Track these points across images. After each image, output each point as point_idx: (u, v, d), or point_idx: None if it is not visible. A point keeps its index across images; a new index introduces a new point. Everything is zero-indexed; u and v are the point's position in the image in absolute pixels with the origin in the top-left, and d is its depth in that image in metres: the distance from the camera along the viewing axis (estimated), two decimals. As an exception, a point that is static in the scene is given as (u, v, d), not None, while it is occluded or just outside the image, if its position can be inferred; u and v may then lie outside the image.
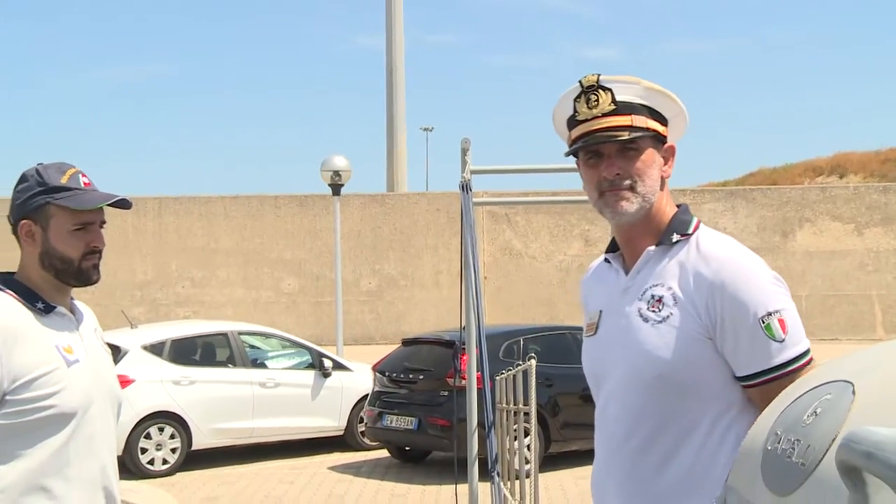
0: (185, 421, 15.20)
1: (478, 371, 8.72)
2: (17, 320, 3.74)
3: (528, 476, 7.78)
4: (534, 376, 7.66)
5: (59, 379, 3.71)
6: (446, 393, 14.05)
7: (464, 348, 9.63)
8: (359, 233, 28.42)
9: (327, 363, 16.80)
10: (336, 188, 23.61)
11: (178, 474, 14.67)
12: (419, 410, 14.76)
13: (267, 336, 17.36)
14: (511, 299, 29.13)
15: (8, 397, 3.64)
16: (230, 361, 16.17)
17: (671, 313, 3.06)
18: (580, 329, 14.11)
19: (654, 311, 3.10)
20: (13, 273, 3.93)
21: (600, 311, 3.33)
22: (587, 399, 12.45)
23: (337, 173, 23.46)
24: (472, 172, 8.80)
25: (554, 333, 15.91)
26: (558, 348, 15.04)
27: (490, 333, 10.22)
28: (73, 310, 3.98)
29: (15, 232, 3.93)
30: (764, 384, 2.95)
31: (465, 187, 8.73)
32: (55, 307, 3.86)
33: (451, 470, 10.59)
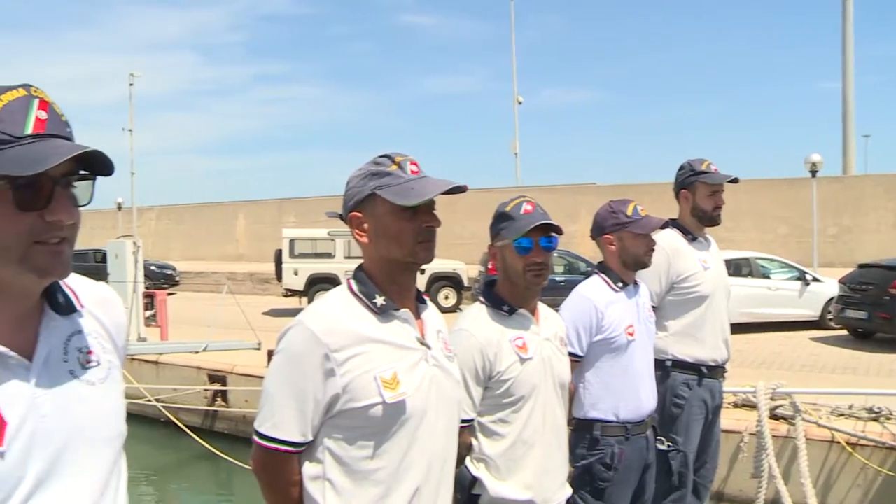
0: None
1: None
2: (682, 244, 3.79)
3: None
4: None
5: (700, 279, 3.74)
6: (888, 297, 12.72)
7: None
8: (825, 199, 26.01)
9: (808, 277, 15.67)
10: (813, 173, 22.04)
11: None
12: (869, 307, 13.33)
13: (771, 260, 16.47)
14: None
15: (675, 285, 3.75)
16: (749, 274, 15.55)
17: None
18: None
19: None
20: (676, 219, 3.91)
21: None
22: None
23: (813, 164, 21.87)
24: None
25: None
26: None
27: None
28: (707, 239, 3.96)
29: (677, 197, 3.91)
30: None
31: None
32: (697, 237, 3.89)
33: (891, 344, 9.67)
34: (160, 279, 24.70)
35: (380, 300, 1.85)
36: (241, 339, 13.22)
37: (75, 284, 1.39)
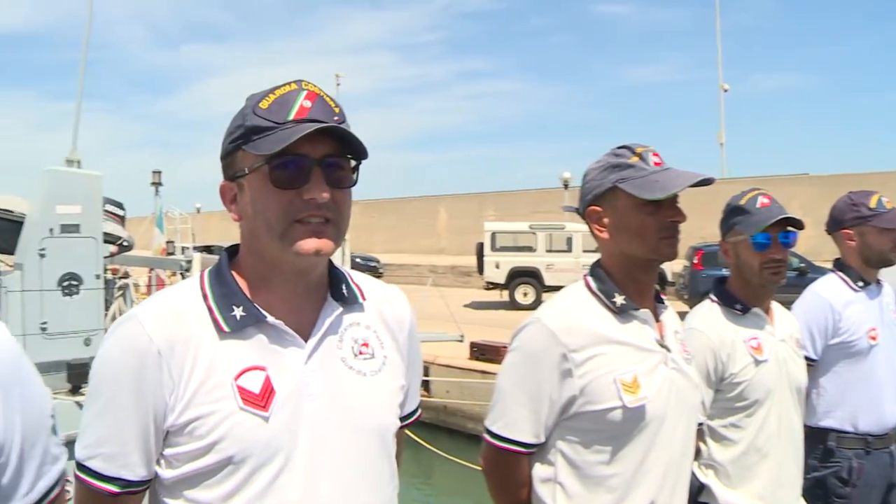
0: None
1: None
2: None
3: None
4: None
5: None
6: None
7: None
8: None
9: None
10: None
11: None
12: None
13: None
14: None
15: None
16: None
17: None
18: None
19: None
20: None
21: None
22: None
23: None
24: None
25: None
26: None
27: None
28: None
29: None
30: None
31: None
32: None
33: None
34: (365, 271, 25.56)
35: (619, 299, 1.80)
36: (443, 330, 13.57)
37: (362, 280, 1.46)
